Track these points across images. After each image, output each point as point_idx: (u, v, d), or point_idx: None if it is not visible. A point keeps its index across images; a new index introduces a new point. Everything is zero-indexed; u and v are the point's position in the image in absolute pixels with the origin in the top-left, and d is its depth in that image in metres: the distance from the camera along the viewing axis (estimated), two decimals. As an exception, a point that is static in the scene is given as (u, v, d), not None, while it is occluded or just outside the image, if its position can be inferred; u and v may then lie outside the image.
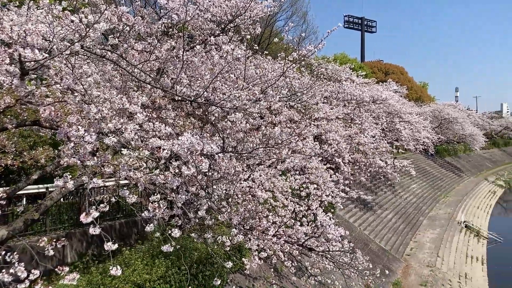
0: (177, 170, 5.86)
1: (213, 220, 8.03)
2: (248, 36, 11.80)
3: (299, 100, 18.10)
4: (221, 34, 10.89)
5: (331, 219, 11.91)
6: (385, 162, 26.56)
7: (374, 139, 24.81)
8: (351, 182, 22.89)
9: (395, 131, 33.36)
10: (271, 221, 10.80)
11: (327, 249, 12.26)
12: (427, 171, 48.36)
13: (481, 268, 25.06)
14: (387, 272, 18.35)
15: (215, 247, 10.33)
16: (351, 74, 32.60)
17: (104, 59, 7.73)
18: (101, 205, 6.04)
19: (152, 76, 8.38)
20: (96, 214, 5.70)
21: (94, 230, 5.76)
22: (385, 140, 28.03)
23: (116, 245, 5.95)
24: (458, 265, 24.16)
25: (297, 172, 14.61)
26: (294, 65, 11.66)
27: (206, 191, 7.43)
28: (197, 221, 8.10)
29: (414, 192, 38.07)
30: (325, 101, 24.47)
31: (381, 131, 27.96)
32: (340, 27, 9.54)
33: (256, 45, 15.13)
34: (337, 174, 16.74)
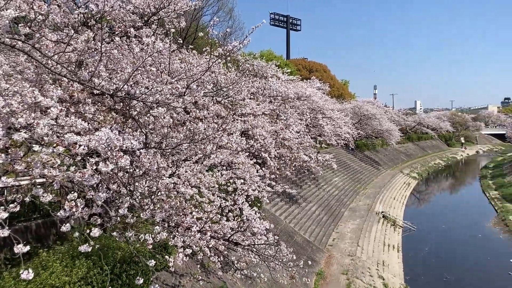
0: (94, 167, 5.62)
1: (135, 218, 7.79)
2: (173, 30, 11.59)
3: (226, 95, 18.12)
4: (144, 27, 10.60)
5: (257, 213, 12.08)
6: (309, 157, 27.49)
7: (298, 134, 25.55)
8: (277, 176, 23.42)
9: (318, 126, 34.59)
10: (196, 217, 10.75)
11: (253, 243, 12.44)
12: (348, 164, 50.71)
13: (397, 255, 26.85)
14: (310, 262, 19.00)
15: (138, 245, 10.06)
16: (277, 71, 33.22)
17: (15, 49, 7.19)
18: (11, 205, 5.64)
19: (70, 68, 7.93)
20: (4, 214, 5.31)
21: (2, 232, 5.36)
22: (309, 135, 28.97)
23: (28, 247, 5.57)
24: (377, 253, 25.66)
25: (224, 168, 14.65)
26: (220, 60, 11.63)
27: (128, 188, 7.21)
28: (119, 219, 7.83)
29: (336, 185, 39.78)
30: (252, 97, 24.74)
31: (305, 126, 28.84)
32: (267, 25, 9.72)
33: (181, 39, 14.89)
34: (263, 168, 16.99)
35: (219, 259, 12.31)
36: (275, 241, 12.85)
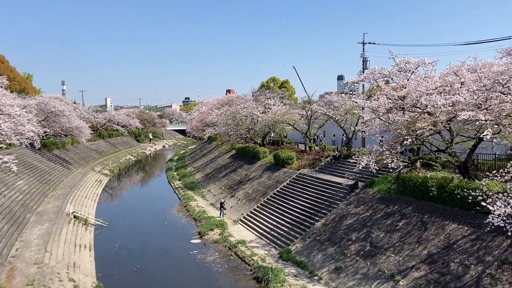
0: None
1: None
2: None
3: None
4: None
5: None
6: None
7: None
8: None
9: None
10: None
11: None
12: (35, 165, 46.59)
13: (89, 254, 26.49)
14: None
15: None
16: None
17: None
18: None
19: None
20: None
21: None
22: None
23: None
24: (67, 256, 24.63)
25: None
26: None
27: None
28: None
29: (21, 189, 35.92)
30: None
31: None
32: None
33: None
34: None
35: None
36: None
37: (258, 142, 53.94)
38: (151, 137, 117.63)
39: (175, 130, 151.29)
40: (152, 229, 34.37)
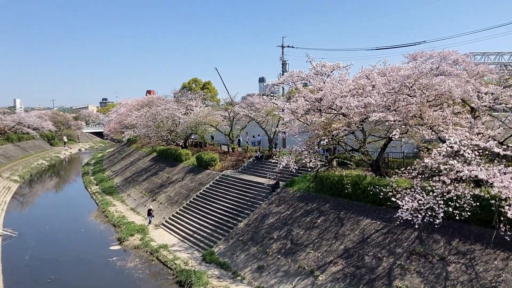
0: None
1: None
2: None
3: None
4: None
5: None
6: None
7: None
8: None
9: None
10: None
11: None
12: None
13: (-5, 267, 24.44)
14: None
15: None
16: None
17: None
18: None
19: None
20: None
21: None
22: None
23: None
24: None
25: None
26: None
27: None
28: None
29: None
30: None
31: None
32: None
33: None
34: None
35: None
36: None
37: (180, 144, 53.16)
38: (65, 140, 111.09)
39: (92, 133, 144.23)
40: (67, 237, 32.40)
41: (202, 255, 25.62)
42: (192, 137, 55.47)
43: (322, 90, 24.26)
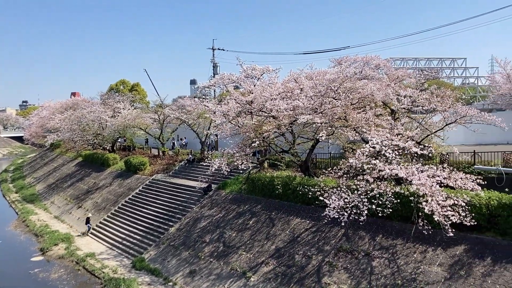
0: None
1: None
2: None
3: None
4: None
5: None
6: None
7: None
8: None
9: None
10: None
11: None
12: None
13: None
14: None
15: None
16: None
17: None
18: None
19: None
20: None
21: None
22: None
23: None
24: None
25: None
26: None
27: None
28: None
29: None
30: None
31: None
32: None
33: None
34: None
35: None
36: None
37: (108, 148, 51.17)
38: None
39: (11, 137, 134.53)
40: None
41: (132, 262, 24.81)
42: (119, 140, 53.67)
43: (252, 93, 24.55)
